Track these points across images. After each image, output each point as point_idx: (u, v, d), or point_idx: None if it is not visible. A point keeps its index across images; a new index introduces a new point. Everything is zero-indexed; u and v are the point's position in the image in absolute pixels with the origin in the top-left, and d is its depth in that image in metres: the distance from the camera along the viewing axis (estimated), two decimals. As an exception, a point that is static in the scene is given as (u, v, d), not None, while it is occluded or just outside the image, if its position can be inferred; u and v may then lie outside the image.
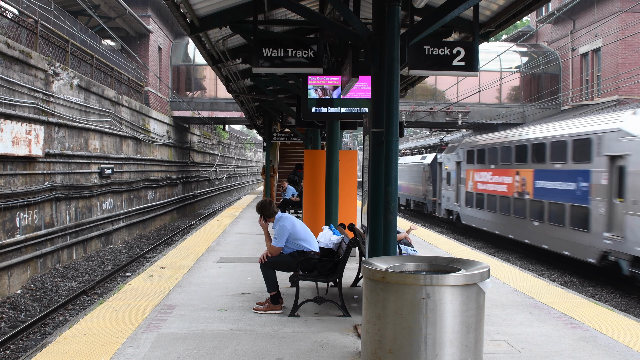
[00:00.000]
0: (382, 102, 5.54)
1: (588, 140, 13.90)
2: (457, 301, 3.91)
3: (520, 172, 17.51)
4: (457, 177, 23.39)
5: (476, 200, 21.00)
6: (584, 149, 14.02)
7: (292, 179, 18.61)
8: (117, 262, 16.47)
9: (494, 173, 19.61)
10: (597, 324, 6.50)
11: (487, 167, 20.19)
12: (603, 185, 13.15)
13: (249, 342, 5.64)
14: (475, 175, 21.31)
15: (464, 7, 5.67)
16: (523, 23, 40.57)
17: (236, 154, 54.74)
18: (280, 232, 6.77)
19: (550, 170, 15.75)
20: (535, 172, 16.59)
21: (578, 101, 26.95)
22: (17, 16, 14.28)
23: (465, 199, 22.17)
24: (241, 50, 10.41)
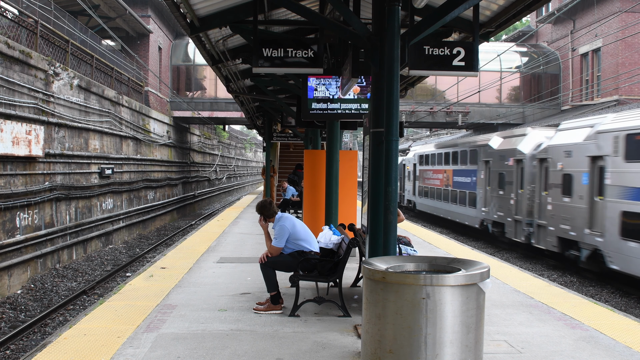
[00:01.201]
0: (382, 102, 5.54)
1: (475, 151, 21.14)
2: (457, 301, 3.91)
3: (447, 171, 24.91)
4: (414, 175, 30.53)
5: (425, 192, 28.23)
6: (474, 156, 21.20)
7: (292, 179, 18.61)
8: (117, 262, 16.47)
9: (434, 172, 27.07)
10: (597, 324, 6.50)
11: (430, 167, 27.69)
12: (482, 179, 20.35)
13: (249, 342, 5.64)
14: (423, 173, 28.65)
15: (464, 7, 5.67)
16: (523, 23, 40.57)
17: (236, 154, 54.75)
18: (281, 232, 6.77)
19: (460, 170, 23.15)
20: (454, 171, 23.87)
21: (578, 101, 26.96)
22: (17, 16, 14.28)
23: (419, 191, 29.43)
24: (241, 50, 10.41)
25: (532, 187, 16.54)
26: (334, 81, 9.01)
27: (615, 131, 12.61)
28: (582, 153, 13.73)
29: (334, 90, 9.04)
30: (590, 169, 13.38)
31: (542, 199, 15.86)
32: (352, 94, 8.97)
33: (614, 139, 12.54)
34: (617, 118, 13.14)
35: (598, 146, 13.12)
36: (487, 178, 19.77)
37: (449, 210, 24.13)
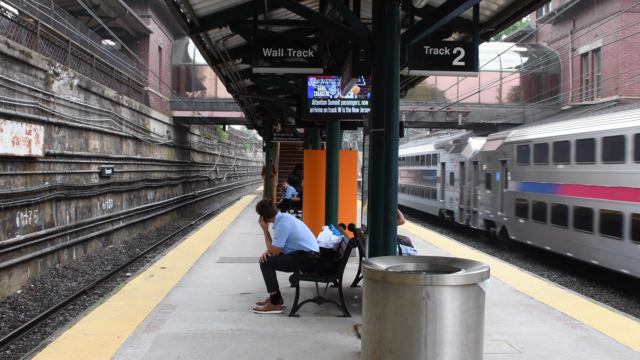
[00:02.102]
0: (382, 102, 5.54)
1: (435, 155, 27.38)
2: (457, 301, 3.91)
3: (417, 171, 30.73)
4: None
5: (401, 188, 33.17)
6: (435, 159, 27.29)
7: (292, 179, 18.61)
8: (117, 262, 16.47)
9: (408, 172, 32.96)
10: (597, 324, 6.49)
11: (405, 168, 33.38)
12: (439, 177, 26.28)
13: (249, 342, 5.64)
14: (401, 172, 33.03)
15: (464, 7, 5.67)
16: (523, 23, 40.57)
17: (236, 154, 54.75)
18: (281, 232, 6.77)
19: (426, 170, 28.77)
20: (422, 170, 29.48)
21: (578, 101, 26.96)
22: (17, 16, 14.28)
23: None
24: (241, 50, 10.41)
25: (469, 183, 22.15)
26: (334, 81, 9.01)
27: (512, 143, 18.34)
28: (496, 158, 19.36)
29: (334, 90, 9.04)
30: (501, 170, 19.04)
31: (475, 192, 21.45)
32: (352, 94, 8.97)
33: (512, 148, 18.33)
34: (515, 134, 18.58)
35: (504, 153, 18.84)
36: (442, 177, 25.78)
37: (418, 202, 30.44)
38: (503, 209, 18.54)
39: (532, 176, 16.97)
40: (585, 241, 13.91)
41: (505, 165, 18.70)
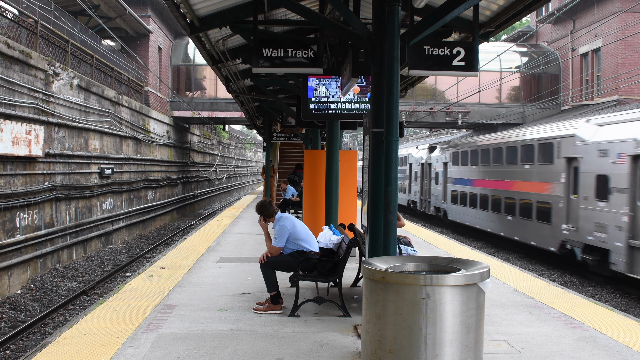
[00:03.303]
0: (382, 102, 5.54)
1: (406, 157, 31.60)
2: (457, 301, 3.91)
3: None
4: None
5: None
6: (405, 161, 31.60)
7: (292, 179, 18.60)
8: (117, 262, 16.47)
9: None
10: (597, 324, 6.49)
11: None
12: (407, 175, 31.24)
13: (249, 342, 5.64)
14: None
15: (464, 7, 5.67)
16: (523, 23, 40.57)
17: (236, 154, 54.75)
18: (280, 232, 6.77)
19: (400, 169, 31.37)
20: None
21: (578, 101, 26.96)
22: (17, 16, 14.28)
23: None
24: (241, 50, 10.41)
25: (426, 180, 28.02)
26: (334, 81, 9.01)
27: (450, 150, 24.50)
28: (441, 161, 25.43)
29: (334, 90, 9.04)
30: (443, 170, 25.14)
31: (429, 187, 27.40)
32: (352, 94, 8.98)
33: (450, 154, 24.37)
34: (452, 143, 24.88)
35: (446, 157, 24.82)
36: (410, 175, 30.96)
37: None
38: (445, 199, 25.03)
39: (459, 174, 23.21)
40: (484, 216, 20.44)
41: (446, 167, 24.90)
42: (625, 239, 12.18)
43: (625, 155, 12.35)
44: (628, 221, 12.12)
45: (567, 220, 14.78)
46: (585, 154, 13.95)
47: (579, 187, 14.28)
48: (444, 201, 24.76)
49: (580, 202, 14.13)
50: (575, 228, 14.27)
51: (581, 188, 14.11)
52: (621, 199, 12.38)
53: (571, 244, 14.54)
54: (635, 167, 12.11)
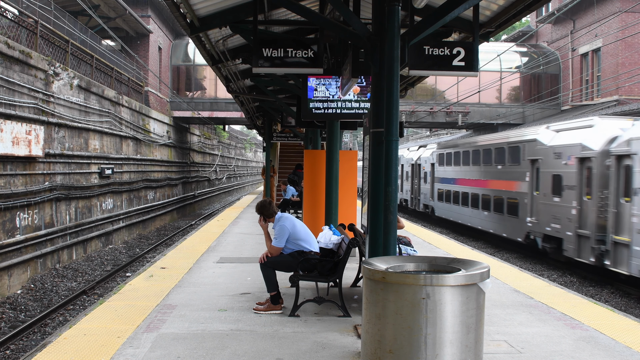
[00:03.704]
0: (382, 102, 5.54)
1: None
2: (457, 301, 3.91)
3: None
4: None
5: None
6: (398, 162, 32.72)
7: (292, 179, 18.61)
8: (117, 262, 16.47)
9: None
10: (597, 324, 6.49)
11: None
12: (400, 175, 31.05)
13: (249, 342, 5.64)
14: None
15: (464, 7, 5.67)
16: (523, 23, 40.57)
17: (236, 154, 54.75)
18: (280, 232, 6.77)
19: None
20: None
21: (578, 101, 26.96)
22: (17, 16, 14.28)
23: None
24: (241, 50, 10.41)
25: (416, 180, 29.81)
26: (334, 81, 9.01)
27: (436, 150, 26.54)
28: (429, 162, 27.28)
29: (334, 90, 9.04)
30: (431, 170, 26.91)
31: (419, 186, 29.07)
32: (352, 94, 8.98)
33: (437, 155, 26.24)
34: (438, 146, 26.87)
35: (433, 158, 26.76)
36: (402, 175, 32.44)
37: None
38: (432, 197, 26.78)
39: (444, 174, 25.22)
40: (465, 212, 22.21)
41: (433, 167, 26.67)
42: (574, 228, 14.11)
43: (574, 158, 14.30)
44: (576, 214, 14.06)
45: (530, 214, 16.66)
46: (544, 156, 15.94)
47: (539, 184, 16.24)
48: (432, 199, 26.85)
49: (540, 198, 16.13)
50: (537, 220, 16.21)
51: (541, 185, 16.10)
52: (571, 195, 14.35)
53: (534, 234, 16.48)
54: (582, 168, 14.00)
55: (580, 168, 14.01)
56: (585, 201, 13.76)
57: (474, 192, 21.36)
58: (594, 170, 13.43)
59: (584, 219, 13.76)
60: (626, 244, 12.12)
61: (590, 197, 13.58)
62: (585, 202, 13.78)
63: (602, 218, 13.14)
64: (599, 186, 13.28)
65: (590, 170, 13.67)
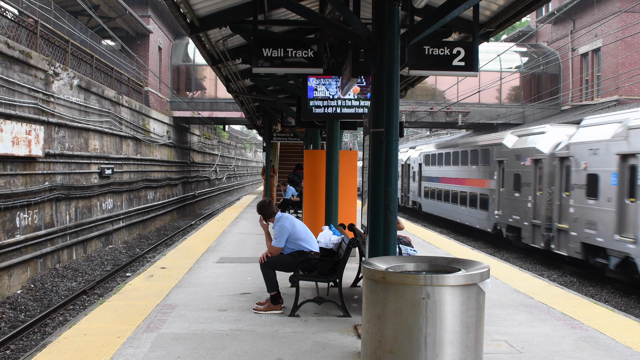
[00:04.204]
0: (382, 102, 5.54)
1: None
2: (457, 301, 3.91)
3: None
4: None
5: None
6: None
7: (292, 179, 18.61)
8: (117, 262, 16.47)
9: None
10: (597, 324, 6.50)
11: None
12: None
13: (249, 342, 5.64)
14: None
15: (464, 7, 5.67)
16: (523, 23, 40.58)
17: (236, 154, 54.75)
18: (280, 232, 6.77)
19: None
20: None
21: (578, 101, 26.96)
22: (17, 16, 14.28)
23: None
24: (241, 50, 10.41)
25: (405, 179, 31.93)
26: (334, 81, 9.01)
27: (423, 151, 29.09)
28: (417, 162, 29.84)
29: (334, 90, 9.04)
30: (418, 170, 29.55)
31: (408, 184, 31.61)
32: (352, 94, 8.97)
33: (423, 156, 28.90)
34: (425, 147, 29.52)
35: (420, 159, 29.25)
36: None
37: None
38: (420, 194, 29.26)
39: (429, 173, 27.71)
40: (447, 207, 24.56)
41: (421, 167, 29.16)
42: (530, 219, 16.58)
43: (529, 159, 16.75)
44: (531, 206, 16.53)
45: (497, 207, 19.15)
46: (508, 158, 18.36)
47: (504, 182, 18.67)
48: (419, 196, 29.41)
49: (505, 193, 18.61)
50: (502, 213, 18.69)
51: (505, 183, 18.55)
52: (528, 191, 16.84)
53: (500, 225, 18.95)
54: (536, 168, 16.39)
55: (535, 168, 16.44)
56: (538, 196, 16.25)
57: (454, 189, 23.78)
58: (544, 170, 15.89)
59: (537, 211, 16.26)
60: (566, 230, 14.66)
61: (541, 192, 16.05)
62: (538, 197, 16.28)
63: (550, 209, 15.66)
64: (548, 183, 15.75)
65: (541, 170, 16.09)
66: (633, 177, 11.99)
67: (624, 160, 12.33)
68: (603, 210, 12.92)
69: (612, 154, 12.66)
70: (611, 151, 12.73)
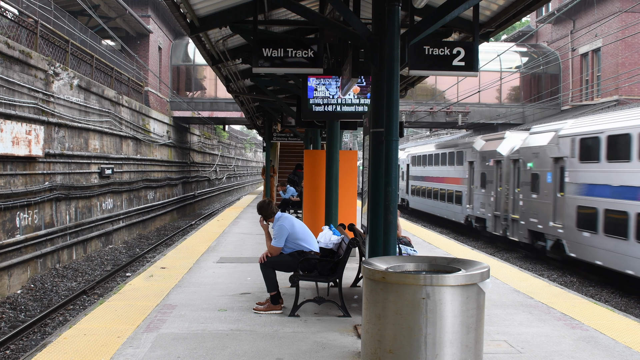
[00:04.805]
0: (382, 102, 5.54)
1: None
2: (457, 301, 3.91)
3: None
4: None
5: None
6: None
7: (292, 179, 18.61)
8: (117, 262, 16.47)
9: None
10: (597, 324, 6.50)
11: None
12: None
13: (249, 342, 5.64)
14: None
15: (464, 7, 5.67)
16: (523, 23, 40.58)
17: (236, 154, 54.75)
18: (280, 232, 6.77)
19: None
20: None
21: (578, 101, 26.95)
22: (17, 16, 14.28)
23: None
24: (241, 50, 10.40)
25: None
26: (334, 81, 9.01)
27: (411, 154, 31.62)
28: (405, 162, 32.42)
29: (334, 90, 9.03)
30: (406, 169, 32.27)
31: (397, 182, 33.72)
32: (352, 94, 8.97)
33: (411, 157, 31.54)
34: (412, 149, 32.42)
35: (408, 159, 31.94)
36: None
37: None
38: (407, 191, 31.93)
39: (415, 173, 30.47)
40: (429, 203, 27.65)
41: (408, 167, 31.97)
42: (492, 211, 19.58)
43: (492, 160, 19.64)
44: (494, 200, 19.54)
45: (468, 202, 22.15)
46: (476, 159, 21.35)
47: (474, 180, 21.51)
48: (407, 193, 32.16)
49: (474, 190, 21.54)
50: (472, 207, 21.70)
51: (475, 181, 21.43)
52: (491, 187, 19.75)
53: (470, 217, 21.97)
54: (497, 168, 19.35)
55: (496, 168, 19.39)
56: (499, 191, 19.17)
57: (435, 187, 26.85)
58: (503, 169, 18.86)
59: (498, 204, 19.30)
60: (517, 220, 17.68)
61: (501, 188, 18.93)
62: (499, 192, 19.20)
63: (507, 203, 18.60)
64: (505, 181, 18.70)
65: (501, 169, 19.02)
66: (562, 176, 14.91)
67: (556, 162, 15.29)
68: (542, 203, 16.02)
69: (548, 157, 15.61)
70: (547, 155, 15.68)
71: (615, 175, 12.83)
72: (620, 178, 12.65)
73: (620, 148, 12.72)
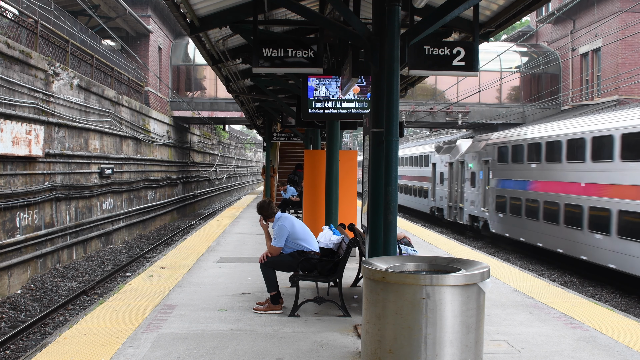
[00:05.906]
0: (382, 102, 5.54)
1: None
2: (457, 301, 3.91)
3: None
4: None
5: None
6: None
7: (292, 179, 18.61)
8: (117, 262, 16.47)
9: None
10: (597, 324, 6.50)
11: None
12: None
13: (249, 342, 5.64)
14: None
15: (464, 7, 5.67)
16: (523, 23, 40.58)
17: (236, 154, 54.75)
18: (280, 232, 6.77)
19: None
20: None
21: (578, 101, 26.95)
22: (17, 16, 14.28)
23: None
24: (241, 50, 10.40)
25: None
26: (334, 81, 9.01)
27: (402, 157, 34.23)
28: None
29: (334, 90, 9.04)
30: None
31: None
32: (352, 94, 8.98)
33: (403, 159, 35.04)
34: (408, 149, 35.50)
35: None
36: None
37: None
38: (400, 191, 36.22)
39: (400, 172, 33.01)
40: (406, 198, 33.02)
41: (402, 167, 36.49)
42: (447, 202, 25.27)
43: (447, 162, 25.44)
44: (448, 194, 25.18)
45: (432, 196, 28.10)
46: (437, 161, 27.36)
47: (435, 178, 27.44)
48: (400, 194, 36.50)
49: (436, 186, 27.35)
50: (434, 200, 27.70)
51: (436, 179, 27.33)
52: (446, 183, 25.45)
53: (433, 208, 27.82)
54: (451, 169, 24.84)
55: (450, 169, 24.96)
56: (452, 186, 24.51)
57: (409, 184, 32.81)
58: (454, 170, 24.38)
59: (451, 196, 24.74)
60: (462, 208, 23.30)
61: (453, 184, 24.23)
62: (452, 187, 24.58)
63: (457, 195, 24.08)
64: (455, 178, 24.20)
65: (453, 170, 24.58)
66: (488, 174, 20.66)
67: (485, 164, 20.93)
68: (476, 194, 21.69)
69: (481, 159, 21.20)
70: (481, 158, 21.27)
71: (515, 173, 18.55)
72: (518, 174, 18.31)
73: (518, 153, 18.48)
